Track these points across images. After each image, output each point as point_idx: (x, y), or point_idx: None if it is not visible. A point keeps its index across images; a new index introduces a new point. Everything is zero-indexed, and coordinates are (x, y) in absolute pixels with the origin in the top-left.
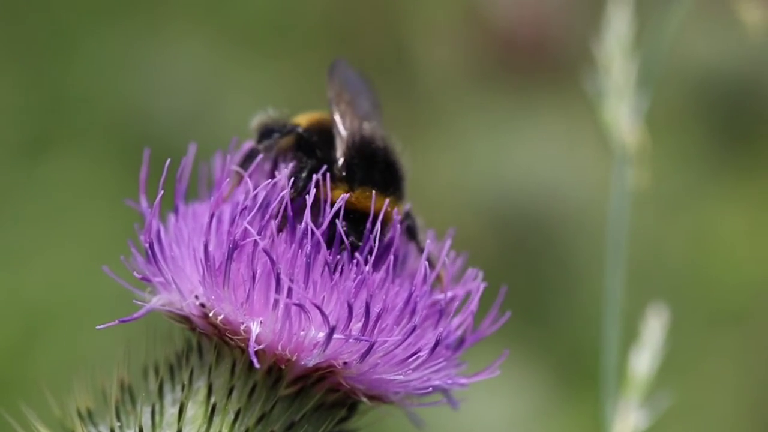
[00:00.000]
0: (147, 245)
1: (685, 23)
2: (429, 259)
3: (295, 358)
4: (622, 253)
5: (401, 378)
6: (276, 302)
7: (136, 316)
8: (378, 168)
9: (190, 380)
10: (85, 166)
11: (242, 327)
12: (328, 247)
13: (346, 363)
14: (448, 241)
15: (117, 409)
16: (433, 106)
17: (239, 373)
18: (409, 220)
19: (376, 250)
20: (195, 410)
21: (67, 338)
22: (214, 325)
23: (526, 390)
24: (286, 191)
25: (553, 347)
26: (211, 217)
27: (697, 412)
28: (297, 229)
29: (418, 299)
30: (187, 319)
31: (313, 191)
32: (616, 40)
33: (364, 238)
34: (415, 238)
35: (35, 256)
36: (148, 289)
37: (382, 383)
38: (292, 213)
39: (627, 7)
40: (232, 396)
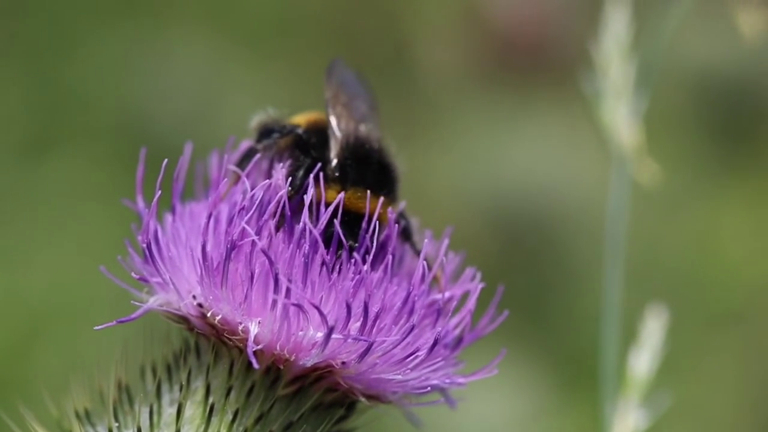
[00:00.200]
0: (144, 245)
1: (683, 24)
2: (426, 259)
3: (293, 358)
4: (621, 253)
5: (399, 377)
6: (274, 302)
7: (134, 316)
8: (371, 169)
9: (188, 380)
10: (86, 167)
11: (240, 327)
12: (326, 248)
13: (344, 363)
14: (446, 241)
15: (115, 410)
16: (432, 106)
17: (237, 373)
18: (404, 222)
19: (373, 250)
20: (193, 410)
21: (66, 339)
22: (212, 326)
23: (525, 390)
24: (284, 191)
25: (552, 347)
26: (209, 217)
27: (697, 412)
28: (295, 229)
29: (416, 299)
30: (184, 320)
31: (311, 190)
32: (615, 41)
33: (360, 239)
34: (410, 240)
35: (35, 257)
36: (146, 289)
37: (381, 383)
38: (290, 212)
39: (625, 8)
40: (231, 396)
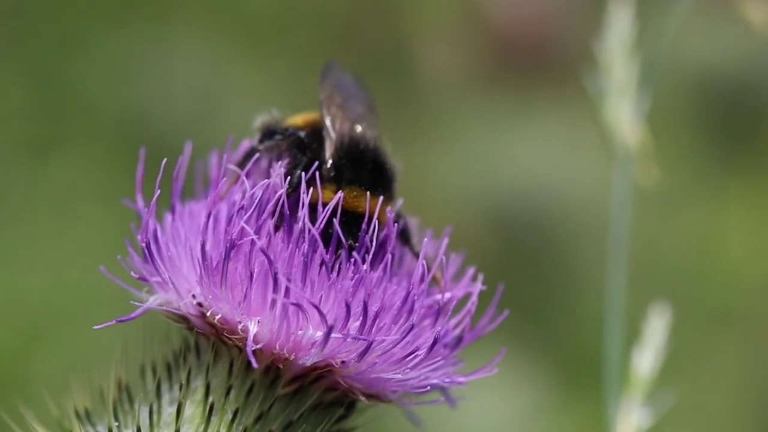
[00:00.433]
0: (144, 245)
1: (686, 23)
2: (426, 259)
3: (292, 358)
4: (624, 250)
5: (399, 377)
6: (273, 301)
7: (134, 315)
8: (366, 169)
9: (188, 380)
10: (87, 167)
11: (240, 326)
12: (325, 248)
13: (344, 362)
14: (446, 240)
15: (115, 409)
16: (432, 106)
17: (237, 373)
18: (402, 222)
19: (372, 249)
20: (193, 410)
21: (66, 338)
22: (212, 325)
23: (526, 389)
24: (283, 190)
25: (552, 346)
26: (208, 216)
27: (698, 412)
28: (294, 228)
29: (416, 298)
30: (184, 319)
31: (309, 189)
32: (618, 40)
33: (360, 239)
34: (408, 242)
35: (36, 257)
36: (146, 288)
37: (380, 382)
38: (288, 211)
39: (628, 7)
40: (230, 395)
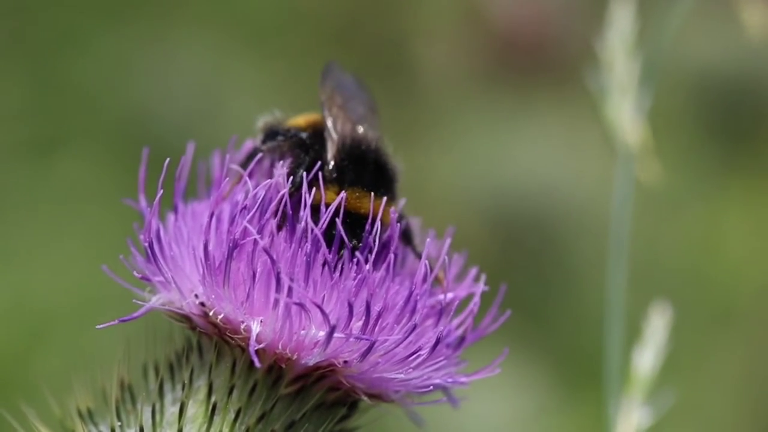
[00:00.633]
0: (146, 244)
1: (686, 23)
2: (429, 259)
3: (295, 357)
4: (625, 249)
5: (402, 376)
6: (276, 301)
7: (136, 315)
8: (368, 170)
9: (191, 379)
10: (89, 168)
11: (242, 326)
12: (328, 248)
13: (346, 362)
14: (448, 240)
15: (117, 409)
16: (433, 106)
17: (240, 372)
18: (404, 224)
19: (375, 249)
20: (195, 409)
21: (68, 339)
22: (215, 324)
23: (527, 389)
24: (285, 190)
25: (553, 346)
26: (211, 216)
27: (698, 412)
28: (297, 228)
29: (419, 298)
30: (187, 318)
31: (312, 190)
32: (620, 38)
33: (363, 239)
34: (410, 242)
35: (38, 257)
36: (148, 288)
37: (383, 382)
38: (291, 211)
39: (630, 5)
40: (233, 395)
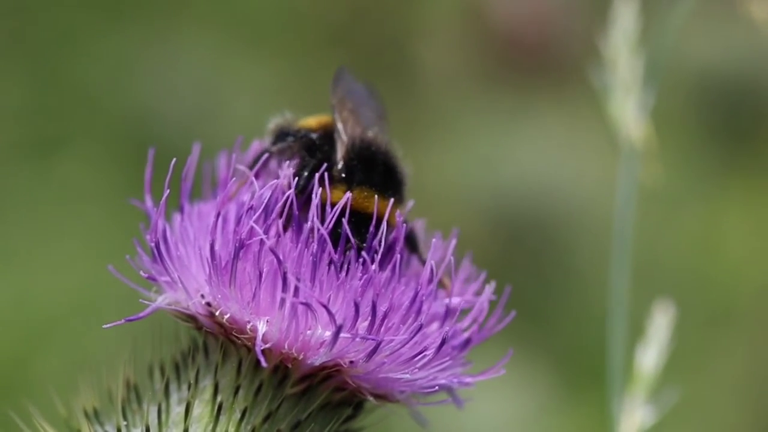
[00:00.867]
0: (153, 244)
1: (687, 22)
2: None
3: (301, 357)
4: (629, 247)
5: (407, 377)
6: (282, 301)
7: (143, 314)
8: (377, 171)
9: (197, 379)
10: (90, 168)
11: (248, 326)
12: (334, 248)
13: (352, 362)
14: (453, 241)
15: (123, 409)
16: (434, 106)
17: (245, 372)
18: (409, 230)
19: (381, 249)
20: (201, 409)
21: (70, 339)
22: (221, 324)
23: (529, 389)
24: (292, 190)
25: (554, 346)
26: (217, 216)
27: (699, 411)
28: (303, 228)
29: (424, 298)
30: (193, 318)
31: (319, 190)
32: (623, 36)
33: (368, 240)
34: (416, 249)
35: (39, 257)
36: (154, 288)
37: (389, 382)
38: (298, 212)
39: (633, 3)
40: (239, 395)
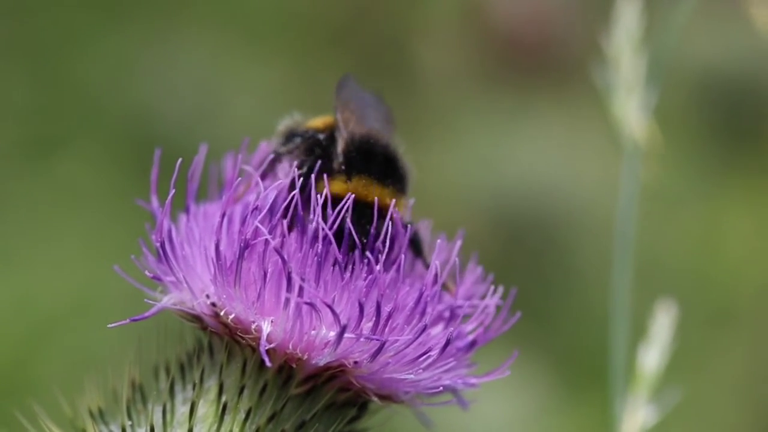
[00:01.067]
0: (158, 244)
1: (689, 22)
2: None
3: (306, 357)
4: (631, 245)
5: (412, 377)
6: (287, 301)
7: (148, 314)
8: (376, 161)
9: (201, 379)
10: (91, 168)
11: (253, 326)
12: (337, 244)
13: (356, 362)
14: (458, 242)
15: (128, 408)
16: (434, 105)
17: (250, 372)
18: (413, 232)
19: (381, 239)
20: (206, 409)
21: (73, 339)
22: (225, 324)
23: (530, 389)
24: (297, 191)
25: (554, 346)
26: (222, 216)
27: (700, 411)
28: (308, 229)
29: (429, 299)
30: (198, 318)
31: (321, 186)
32: (626, 35)
33: (369, 238)
34: (420, 253)
35: (39, 257)
36: (159, 288)
37: (393, 382)
38: (301, 212)
39: (636, 2)
40: (243, 395)
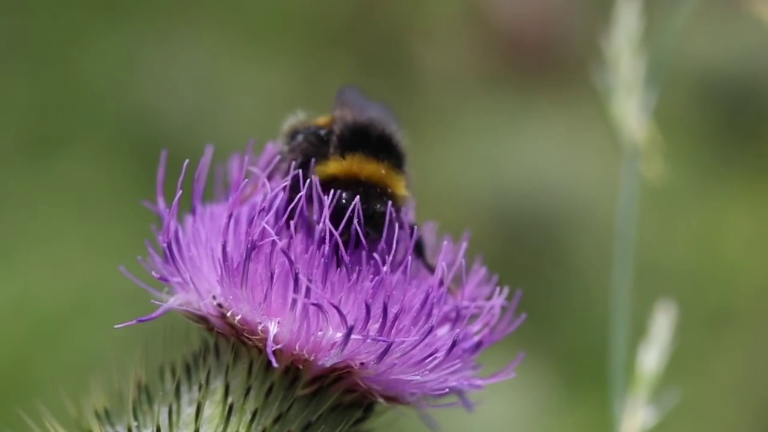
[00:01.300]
0: (165, 245)
1: (690, 22)
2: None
3: (312, 358)
4: (631, 247)
5: (418, 378)
6: (294, 302)
7: (154, 315)
8: (370, 140)
9: (208, 380)
10: (91, 167)
11: (260, 327)
12: (344, 246)
13: (363, 363)
14: (464, 244)
15: (134, 409)
16: (435, 105)
17: (256, 373)
18: (417, 235)
19: (386, 238)
20: (212, 410)
21: (74, 340)
22: (232, 325)
23: (530, 389)
24: (303, 192)
25: (555, 346)
26: (229, 217)
27: (700, 412)
28: (314, 230)
29: (435, 301)
30: (204, 319)
31: (326, 200)
32: (626, 36)
33: (373, 215)
34: (421, 254)
35: (39, 257)
36: (165, 289)
37: (399, 384)
38: (305, 212)
39: (636, 3)
40: (249, 396)
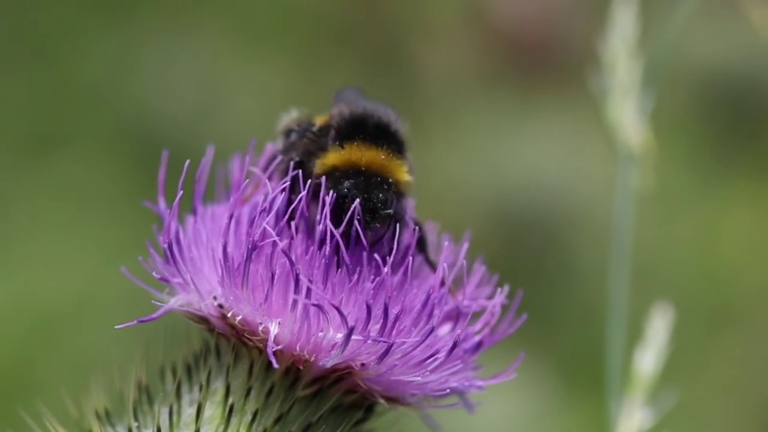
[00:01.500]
0: (166, 246)
1: (689, 23)
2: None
3: (313, 359)
4: (627, 250)
5: (419, 379)
6: (294, 303)
7: (155, 316)
8: (368, 128)
9: (208, 381)
10: (91, 167)
11: (260, 327)
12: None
13: (363, 364)
14: (466, 245)
15: (135, 410)
16: (436, 105)
17: (257, 374)
18: (419, 233)
19: (389, 236)
20: (213, 410)
21: (75, 340)
22: (233, 326)
23: (530, 389)
24: (303, 193)
25: (554, 347)
26: (230, 218)
27: (699, 413)
28: (315, 230)
29: (436, 302)
30: (205, 320)
31: (327, 197)
32: (621, 39)
33: (373, 205)
34: (423, 250)
35: (39, 257)
36: (166, 289)
37: (400, 385)
38: (307, 213)
39: (632, 6)
40: (250, 396)
